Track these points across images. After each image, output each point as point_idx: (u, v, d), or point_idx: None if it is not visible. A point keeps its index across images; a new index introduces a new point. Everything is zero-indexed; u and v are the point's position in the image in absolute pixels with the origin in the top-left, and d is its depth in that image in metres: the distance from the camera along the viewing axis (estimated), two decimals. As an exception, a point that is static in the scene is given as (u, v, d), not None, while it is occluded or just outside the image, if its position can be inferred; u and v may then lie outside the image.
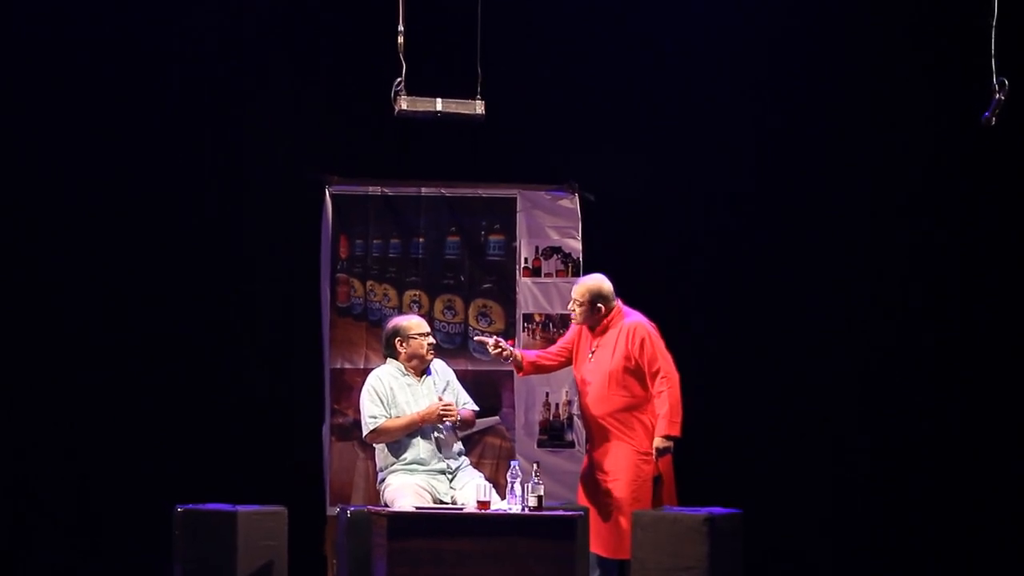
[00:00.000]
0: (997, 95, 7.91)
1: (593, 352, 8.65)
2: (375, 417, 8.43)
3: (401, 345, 8.56)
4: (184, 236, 9.92)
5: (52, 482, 9.74)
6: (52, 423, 9.74)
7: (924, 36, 10.23)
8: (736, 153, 10.35)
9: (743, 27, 10.26)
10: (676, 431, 8.45)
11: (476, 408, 8.70)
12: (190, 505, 8.38)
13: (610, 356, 8.55)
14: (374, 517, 8.17)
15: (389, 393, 8.48)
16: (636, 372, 8.53)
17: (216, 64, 9.99)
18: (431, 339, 8.57)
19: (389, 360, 8.60)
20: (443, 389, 8.57)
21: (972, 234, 10.27)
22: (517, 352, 8.79)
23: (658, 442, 8.45)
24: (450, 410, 8.43)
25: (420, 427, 8.43)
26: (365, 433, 8.49)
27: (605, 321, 8.61)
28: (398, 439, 8.44)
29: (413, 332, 8.54)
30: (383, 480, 8.50)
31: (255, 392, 9.94)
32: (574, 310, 8.64)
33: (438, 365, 8.67)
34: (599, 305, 8.59)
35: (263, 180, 10.03)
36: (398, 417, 8.43)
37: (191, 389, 9.86)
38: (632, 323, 8.58)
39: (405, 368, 8.54)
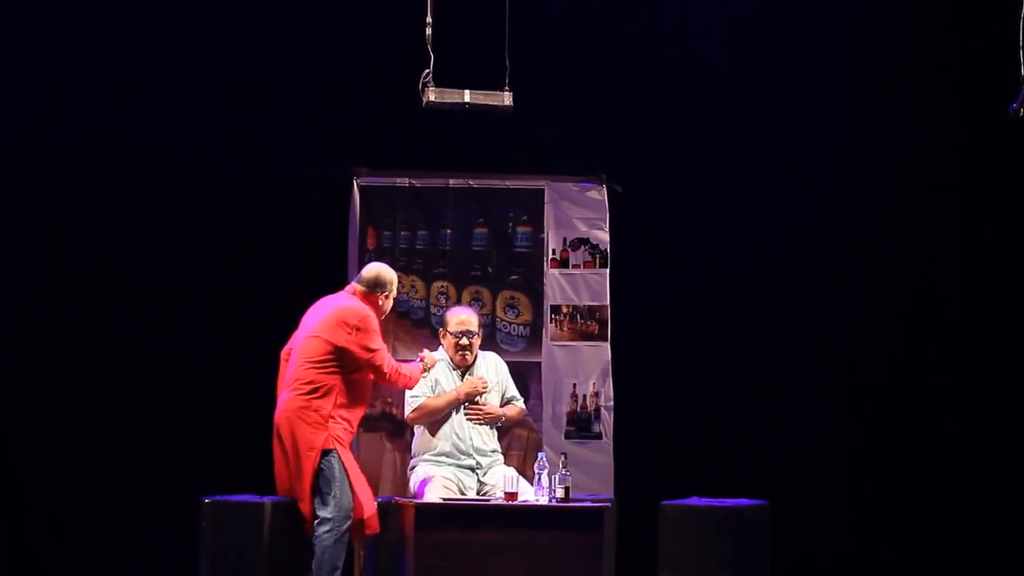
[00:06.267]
0: (1024, 87, 7.89)
1: None
2: (416, 396, 8.52)
3: (442, 337, 8.64)
4: (211, 228, 9.94)
5: (80, 472, 9.76)
6: (79, 415, 9.76)
7: (950, 28, 10.18)
8: (765, 145, 10.31)
9: (773, 19, 10.23)
10: None
11: (522, 407, 8.97)
12: (217, 496, 8.38)
13: None
14: (402, 508, 8.19)
15: (432, 378, 8.56)
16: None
17: (244, 56, 10.00)
18: (465, 340, 8.57)
19: (441, 347, 8.76)
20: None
21: (1000, 227, 10.21)
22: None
23: None
24: (482, 388, 8.58)
25: (459, 407, 8.55)
26: (407, 413, 8.58)
27: None
28: (437, 422, 8.50)
29: (450, 328, 8.62)
30: (413, 467, 8.59)
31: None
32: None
33: (490, 358, 8.75)
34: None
35: (291, 172, 10.03)
36: (439, 396, 8.52)
37: (219, 380, 9.87)
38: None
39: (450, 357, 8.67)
